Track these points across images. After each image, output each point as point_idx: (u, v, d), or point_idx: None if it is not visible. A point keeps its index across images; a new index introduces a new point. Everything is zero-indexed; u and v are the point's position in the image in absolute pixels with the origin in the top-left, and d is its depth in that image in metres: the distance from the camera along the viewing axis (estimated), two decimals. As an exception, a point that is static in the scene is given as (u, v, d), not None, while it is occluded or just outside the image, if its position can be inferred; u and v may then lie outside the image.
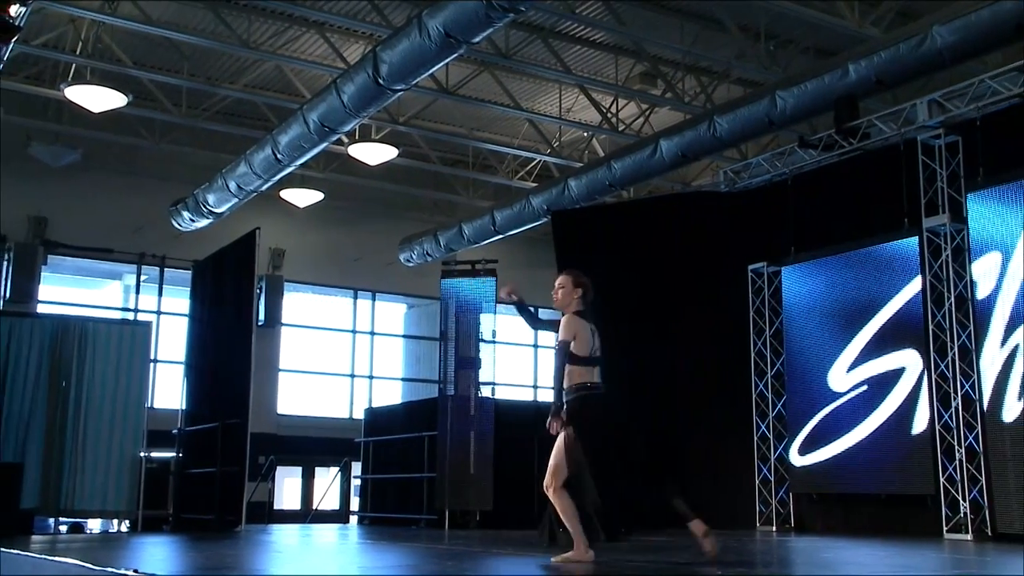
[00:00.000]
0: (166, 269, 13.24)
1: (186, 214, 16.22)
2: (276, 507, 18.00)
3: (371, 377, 20.32)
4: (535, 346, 21.89)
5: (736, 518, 12.58)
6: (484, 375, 12.72)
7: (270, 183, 14.84)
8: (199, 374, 12.82)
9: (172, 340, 14.71)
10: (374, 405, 18.26)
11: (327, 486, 18.63)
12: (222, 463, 11.28)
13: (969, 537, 10.19)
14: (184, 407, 12.87)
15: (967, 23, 9.98)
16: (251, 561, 7.00)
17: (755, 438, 12.92)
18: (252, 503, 13.04)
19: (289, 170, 14.38)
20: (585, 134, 16.98)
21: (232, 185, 14.84)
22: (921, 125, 11.39)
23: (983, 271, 10.56)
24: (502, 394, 15.08)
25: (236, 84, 15.05)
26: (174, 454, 12.80)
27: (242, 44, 13.27)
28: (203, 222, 16.24)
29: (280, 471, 18.50)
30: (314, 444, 18.53)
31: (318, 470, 19.31)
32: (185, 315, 13.51)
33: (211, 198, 15.48)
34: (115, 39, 13.58)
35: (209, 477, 11.52)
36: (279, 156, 13.61)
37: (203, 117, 15.89)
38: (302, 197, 17.91)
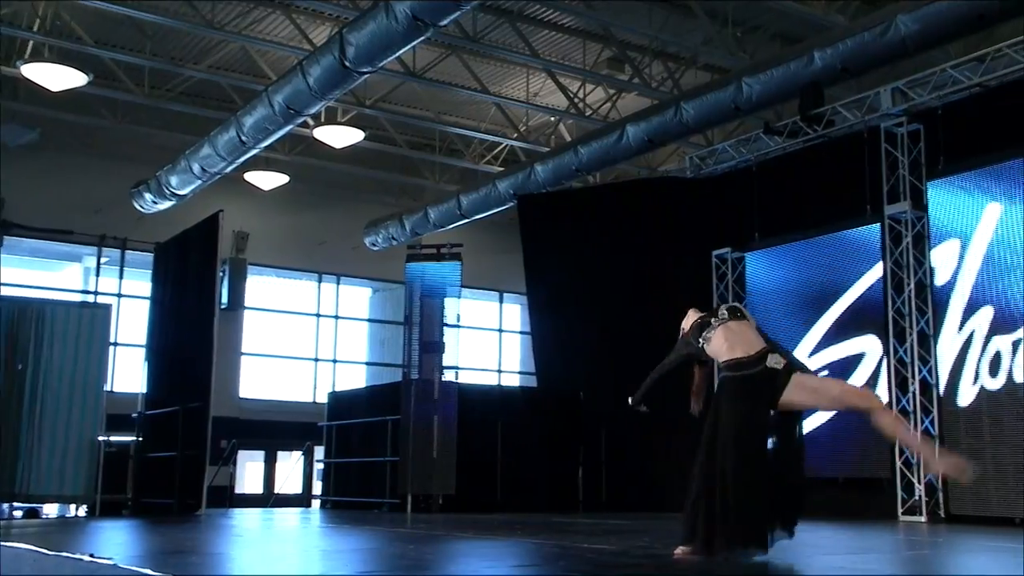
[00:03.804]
0: (127, 251, 13.07)
1: (148, 196, 16.01)
2: (238, 491, 17.89)
3: (335, 361, 20.23)
4: (500, 331, 21.90)
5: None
6: (448, 359, 12.69)
7: (234, 165, 14.69)
8: (160, 357, 12.68)
9: (133, 323, 14.53)
10: (338, 389, 18.18)
11: (289, 470, 18.55)
12: (183, 447, 11.18)
13: (923, 519, 10.38)
14: (145, 391, 12.74)
15: (930, 12, 10.06)
16: (211, 545, 6.95)
17: (718, 423, 13.01)
18: (213, 487, 12.94)
19: (254, 152, 14.24)
20: (552, 119, 16.95)
21: (195, 167, 14.67)
22: (884, 113, 11.50)
23: (942, 258, 10.71)
24: (466, 378, 15.08)
25: (200, 65, 14.83)
26: (134, 438, 12.66)
27: (206, 24, 13.08)
28: (166, 204, 16.05)
29: (242, 455, 18.38)
30: (277, 428, 18.43)
31: (280, 454, 19.21)
32: (147, 298, 13.35)
33: (174, 180, 15.30)
34: (74, 16, 13.33)
35: (169, 461, 11.41)
36: (243, 138, 13.47)
37: (166, 98, 15.66)
38: (267, 180, 17.74)
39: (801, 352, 12.02)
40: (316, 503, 17.06)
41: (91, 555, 4.85)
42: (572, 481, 13.47)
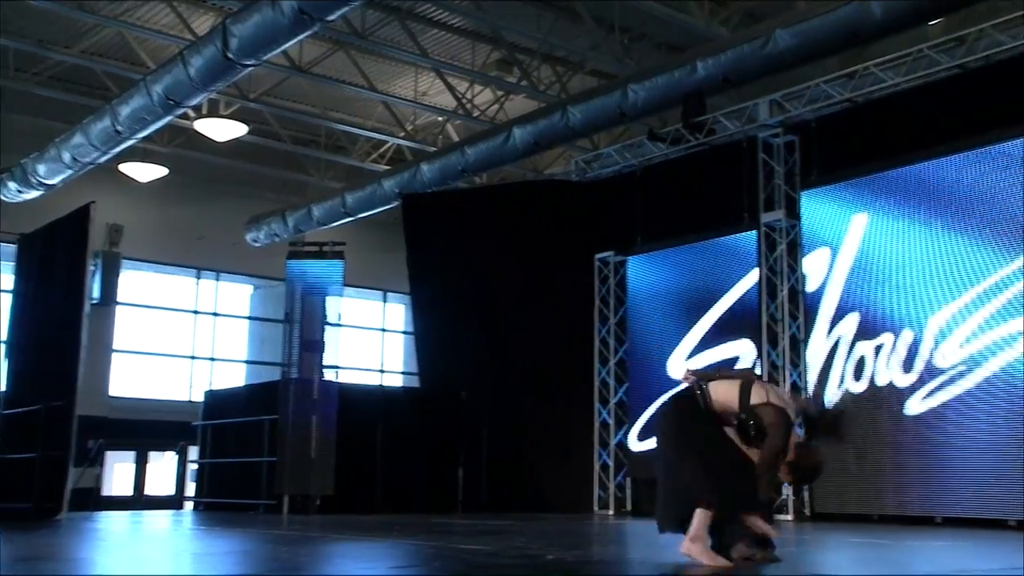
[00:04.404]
0: (-12, 242, 12.42)
1: (12, 184, 15.27)
2: (105, 494, 17.22)
3: (212, 359, 19.69)
4: (383, 330, 21.71)
5: (575, 502, 12.85)
6: (329, 358, 12.50)
7: (109, 155, 14.15)
8: (22, 353, 12.05)
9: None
10: (215, 388, 17.69)
11: (162, 471, 17.95)
12: (44, 448, 10.64)
13: (791, 517, 10.74)
14: (3, 389, 12.10)
15: (806, 28, 10.45)
16: (70, 550, 6.63)
17: (596, 424, 13.19)
18: (78, 490, 12.37)
19: (130, 143, 13.75)
20: (440, 119, 16.89)
21: (66, 156, 14.06)
22: (762, 124, 11.86)
23: (813, 266, 11.12)
24: (348, 378, 14.87)
25: (72, 49, 14.21)
26: (-11, 439, 11.99)
27: (79, 6, 12.55)
28: (32, 194, 15.33)
29: (111, 456, 17.69)
30: (149, 427, 17.81)
31: (152, 454, 18.57)
32: (8, 291, 12.71)
33: (42, 168, 14.63)
34: (-67, -9, 12.60)
35: (29, 463, 10.85)
36: (119, 128, 12.99)
37: (33, 81, 14.96)
38: (143, 171, 17.14)
39: (679, 355, 12.30)
40: (189, 505, 16.55)
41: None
42: (452, 482, 13.43)
